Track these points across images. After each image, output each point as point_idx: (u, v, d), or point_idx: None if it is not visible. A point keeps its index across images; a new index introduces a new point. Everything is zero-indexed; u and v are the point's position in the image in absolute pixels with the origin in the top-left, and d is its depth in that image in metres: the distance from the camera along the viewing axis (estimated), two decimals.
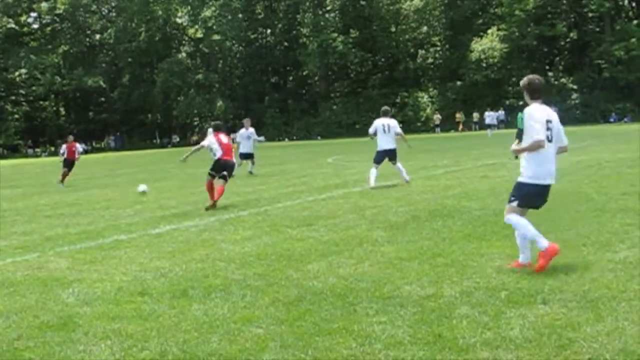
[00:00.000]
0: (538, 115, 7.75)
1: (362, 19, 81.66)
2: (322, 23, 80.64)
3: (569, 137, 8.11)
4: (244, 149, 25.78)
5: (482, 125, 66.17)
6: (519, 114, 26.07)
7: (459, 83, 77.41)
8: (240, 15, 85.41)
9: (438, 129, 70.73)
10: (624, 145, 29.53)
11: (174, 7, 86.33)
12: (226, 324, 6.35)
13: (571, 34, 73.77)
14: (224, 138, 16.48)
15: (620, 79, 67.95)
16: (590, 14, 74.15)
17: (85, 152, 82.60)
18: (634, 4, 78.93)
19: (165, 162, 42.18)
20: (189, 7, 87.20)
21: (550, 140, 7.79)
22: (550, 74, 75.40)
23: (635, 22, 72.52)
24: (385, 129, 18.30)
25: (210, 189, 15.74)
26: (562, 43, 78.62)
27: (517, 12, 69.95)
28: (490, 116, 62.76)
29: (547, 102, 7.51)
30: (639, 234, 9.21)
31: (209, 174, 16.04)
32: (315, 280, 7.78)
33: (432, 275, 7.68)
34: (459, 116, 72.47)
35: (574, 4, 73.31)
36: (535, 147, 7.68)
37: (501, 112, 69.95)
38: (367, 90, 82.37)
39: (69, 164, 26.07)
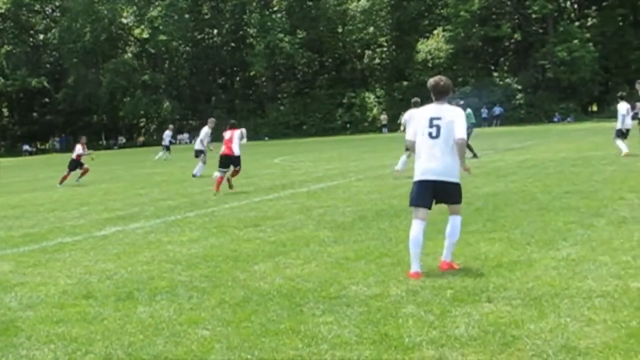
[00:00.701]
0: (418, 116, 8.06)
1: (309, 20, 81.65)
2: (269, 24, 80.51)
3: (515, 137, 8.23)
4: (199, 146, 25.74)
5: None
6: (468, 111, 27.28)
7: (405, 83, 77.84)
8: (186, 16, 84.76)
9: (385, 129, 71.08)
10: (566, 144, 30.03)
11: (120, 7, 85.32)
12: (172, 326, 6.30)
13: (515, 35, 74.74)
14: (227, 134, 18.55)
15: (563, 80, 69.06)
16: (533, 16, 75.12)
17: (30, 153, 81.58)
18: (576, 6, 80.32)
19: (111, 163, 41.69)
20: (135, 7, 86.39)
21: (434, 137, 7.71)
22: (495, 74, 76.38)
23: (577, 23, 73.73)
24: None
25: (219, 184, 17.60)
26: (507, 44, 79.61)
27: (462, 13, 70.63)
28: None
29: (492, 102, 7.63)
30: (581, 232, 9.36)
31: (219, 171, 18.21)
32: (261, 281, 7.76)
33: (379, 274, 7.72)
34: None
35: (517, 5, 74.26)
36: (409, 146, 8.15)
37: None
38: (314, 91, 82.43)
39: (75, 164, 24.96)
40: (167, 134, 44.35)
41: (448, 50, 73.80)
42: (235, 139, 18.44)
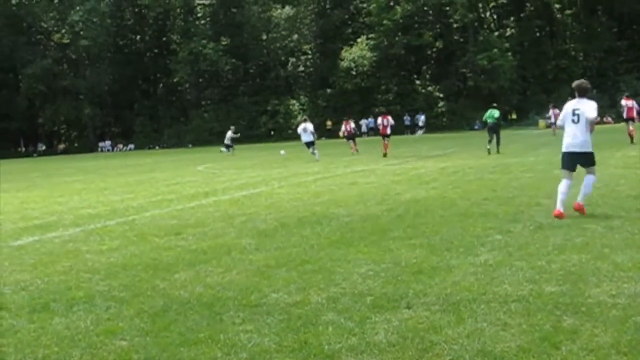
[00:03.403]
0: (565, 108, 11.54)
1: (233, 27, 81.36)
2: (192, 30, 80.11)
3: (437, 144, 8.41)
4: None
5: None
6: (490, 111, 30.10)
7: (329, 91, 78.30)
8: (108, 21, 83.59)
9: None
10: (486, 152, 30.51)
11: (39, 10, 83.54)
12: (89, 337, 6.19)
13: (437, 44, 75.87)
14: None
15: (484, 88, 70.36)
16: (454, 25, 76.50)
17: None
18: (495, 16, 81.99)
19: (29, 170, 40.83)
20: (55, 12, 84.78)
21: (576, 122, 11.20)
22: (417, 82, 77.37)
23: (496, 33, 75.33)
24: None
25: None
26: (429, 52, 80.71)
27: (385, 21, 71.46)
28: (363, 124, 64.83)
29: (414, 110, 7.77)
30: (499, 238, 9.52)
31: None
32: (182, 290, 7.68)
33: (300, 282, 7.71)
34: (329, 123, 73.39)
35: (439, 14, 75.47)
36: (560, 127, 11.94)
37: (370, 120, 71.30)
38: (238, 98, 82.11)
39: None
40: (228, 135, 46.88)
41: (372, 58, 74.42)
42: None
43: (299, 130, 35.20)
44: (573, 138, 11.22)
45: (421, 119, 69.02)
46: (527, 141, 35.92)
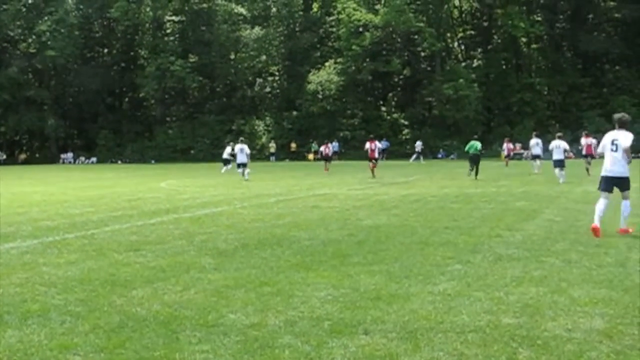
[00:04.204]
0: (606, 137, 13.09)
1: (202, 44, 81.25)
2: (160, 46, 79.82)
3: (400, 171, 8.45)
4: None
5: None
6: (472, 142, 33.40)
7: (295, 113, 78.42)
8: (76, 32, 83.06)
9: (273, 158, 71.33)
10: (449, 181, 30.79)
11: (6, 19, 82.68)
12: (42, 351, 6.11)
13: (405, 71, 76.42)
14: None
15: (449, 117, 71.03)
16: (422, 53, 77.17)
17: None
18: (463, 47, 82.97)
19: None
20: (22, 20, 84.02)
21: (614, 151, 12.77)
22: (383, 108, 77.92)
23: (463, 64, 76.11)
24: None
25: None
26: (396, 79, 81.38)
27: (354, 47, 71.90)
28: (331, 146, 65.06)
29: (379, 137, 7.80)
30: (458, 267, 9.57)
31: None
32: (139, 307, 7.62)
33: (258, 304, 7.69)
34: (294, 146, 73.51)
35: (407, 42, 76.07)
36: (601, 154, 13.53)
37: (335, 144, 71.56)
38: (204, 116, 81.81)
39: None
40: (227, 150, 45.16)
41: (339, 83, 74.75)
42: None
43: (236, 149, 36.82)
44: (612, 165, 12.82)
45: (419, 145, 67.83)
46: (490, 172, 36.22)
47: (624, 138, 12.74)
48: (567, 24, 75.95)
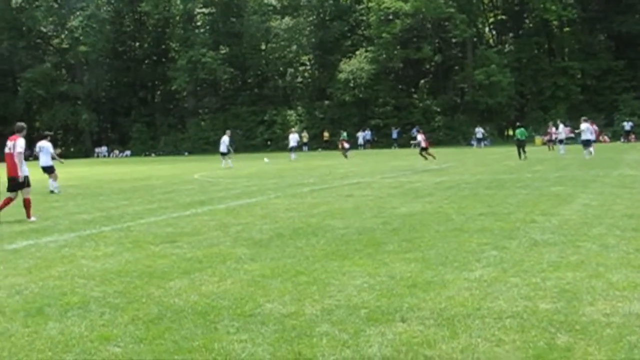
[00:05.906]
0: None
1: (233, 36, 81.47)
2: (191, 38, 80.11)
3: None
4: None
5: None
6: (520, 129, 38.02)
7: (327, 102, 78.38)
8: (108, 27, 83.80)
9: (306, 147, 71.35)
10: (482, 167, 30.61)
11: (39, 15, 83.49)
12: (83, 342, 6.18)
13: (436, 58, 76.02)
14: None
15: (481, 103, 70.46)
16: (453, 40, 76.64)
17: None
18: (494, 32, 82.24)
19: None
20: (55, 16, 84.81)
21: None
22: (415, 96, 77.57)
23: (495, 49, 75.42)
24: None
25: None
26: (427, 66, 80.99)
27: (384, 34, 71.54)
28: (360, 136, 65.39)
29: (411, 124, 7.81)
30: (494, 254, 9.52)
31: None
32: (176, 298, 7.67)
33: (294, 293, 7.71)
34: (327, 135, 73.47)
35: (438, 29, 75.59)
36: None
37: (367, 132, 71.53)
38: (235, 107, 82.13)
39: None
40: (225, 140, 44.01)
41: (370, 71, 74.43)
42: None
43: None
44: None
45: (480, 131, 67.50)
46: (523, 157, 35.96)
47: None
48: (600, 6, 74.75)
